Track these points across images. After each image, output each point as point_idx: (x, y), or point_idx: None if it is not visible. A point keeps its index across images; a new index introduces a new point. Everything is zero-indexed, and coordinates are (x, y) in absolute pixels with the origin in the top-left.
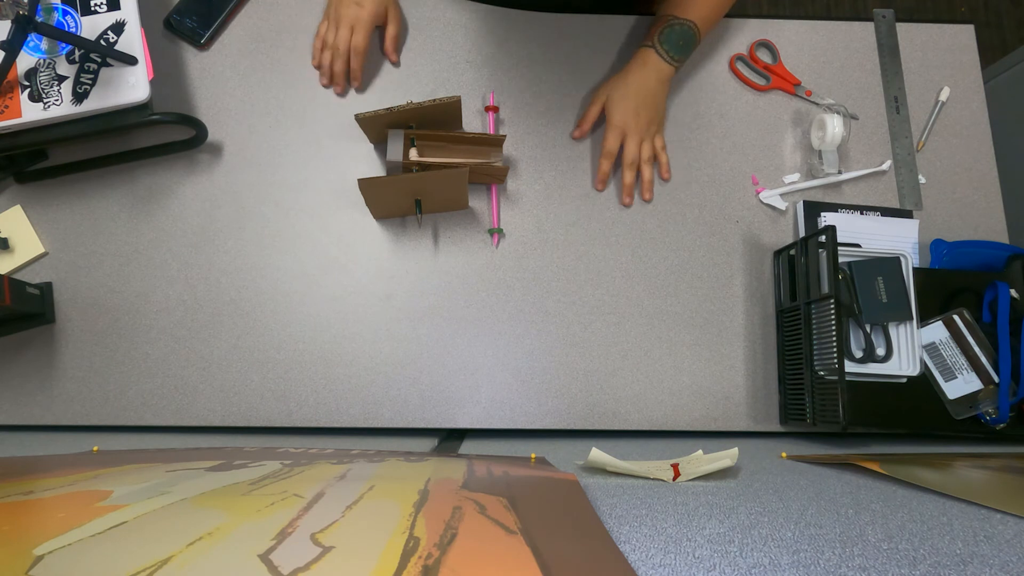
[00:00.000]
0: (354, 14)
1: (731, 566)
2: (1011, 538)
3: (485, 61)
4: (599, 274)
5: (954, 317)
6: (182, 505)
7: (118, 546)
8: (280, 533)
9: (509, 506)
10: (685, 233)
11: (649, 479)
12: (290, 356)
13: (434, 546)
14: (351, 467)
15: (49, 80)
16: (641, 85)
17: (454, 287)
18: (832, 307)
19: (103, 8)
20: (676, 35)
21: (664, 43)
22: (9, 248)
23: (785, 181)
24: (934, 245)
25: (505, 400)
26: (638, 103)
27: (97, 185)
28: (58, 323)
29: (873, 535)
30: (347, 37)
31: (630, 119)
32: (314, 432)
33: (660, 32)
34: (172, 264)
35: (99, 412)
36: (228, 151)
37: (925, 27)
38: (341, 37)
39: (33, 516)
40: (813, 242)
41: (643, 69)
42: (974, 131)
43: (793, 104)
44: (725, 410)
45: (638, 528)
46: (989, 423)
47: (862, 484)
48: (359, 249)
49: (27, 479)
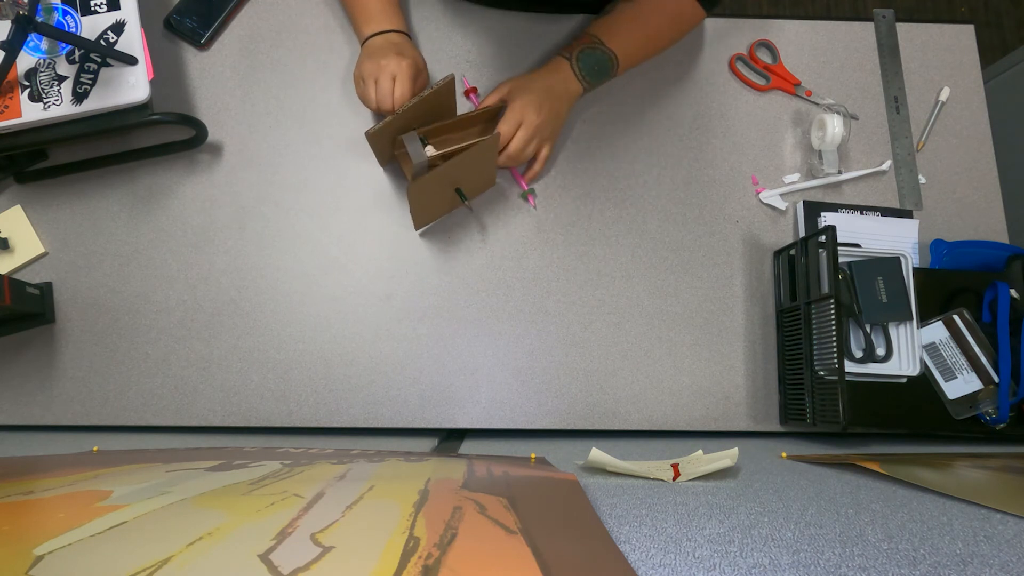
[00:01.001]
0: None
1: (731, 566)
2: (1011, 538)
3: (485, 61)
4: (599, 274)
5: (954, 317)
6: (182, 505)
7: (118, 546)
8: (280, 533)
9: (509, 506)
10: (685, 233)
11: (649, 479)
12: (290, 356)
13: (434, 546)
14: (351, 467)
15: (49, 80)
16: (548, 87)
17: (454, 287)
18: (832, 307)
19: (103, 8)
20: (594, 60)
21: (580, 61)
22: (9, 248)
23: (785, 181)
24: (934, 245)
25: (505, 400)
26: (541, 99)
27: (97, 185)
28: (58, 323)
29: (873, 535)
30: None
31: (530, 111)
32: (314, 432)
33: (581, 50)
34: (172, 264)
35: (99, 412)
36: (228, 151)
37: (925, 27)
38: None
39: (33, 516)
40: (813, 242)
41: (553, 75)
42: (974, 131)
43: (793, 104)
44: (725, 410)
45: (638, 528)
46: (989, 423)
47: (862, 484)
48: (359, 249)
49: (27, 479)
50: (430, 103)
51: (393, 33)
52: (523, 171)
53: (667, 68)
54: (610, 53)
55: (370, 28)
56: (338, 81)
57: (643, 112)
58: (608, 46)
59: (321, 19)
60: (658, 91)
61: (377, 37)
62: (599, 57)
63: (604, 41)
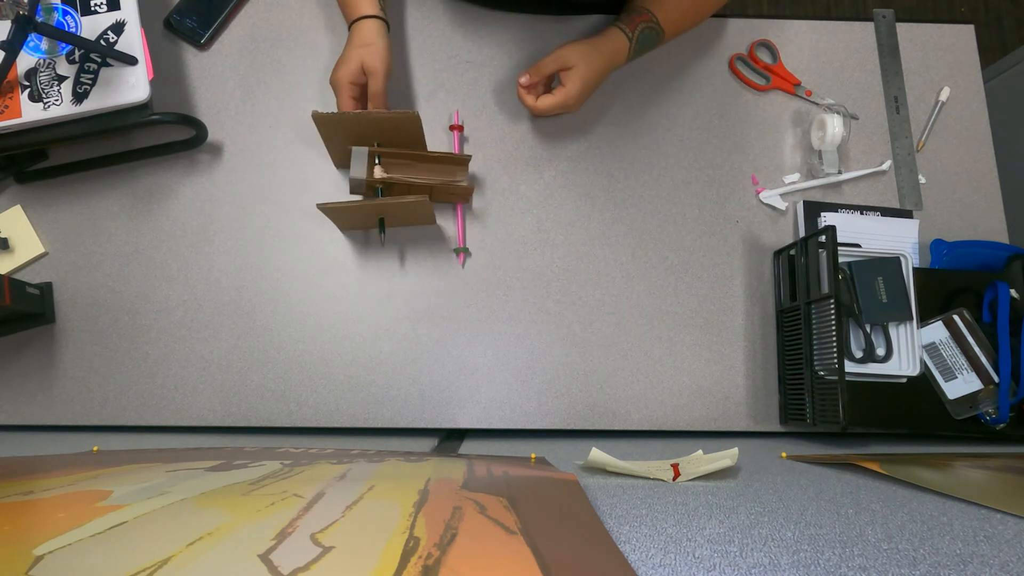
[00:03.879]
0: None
1: (731, 566)
2: (1011, 538)
3: (485, 61)
4: (599, 274)
5: (954, 317)
6: (182, 505)
7: (118, 546)
8: (280, 533)
9: (509, 506)
10: (685, 233)
11: (649, 479)
12: (290, 356)
13: (434, 546)
14: (351, 467)
15: (49, 80)
16: (603, 70)
17: (454, 287)
18: (832, 307)
19: (103, 8)
20: (649, 40)
21: (639, 40)
22: (9, 248)
23: (785, 181)
24: (934, 245)
25: (505, 400)
26: (591, 88)
27: (97, 185)
28: (58, 323)
29: (873, 535)
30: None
31: (574, 98)
32: (314, 432)
33: (642, 29)
34: (172, 264)
35: (99, 412)
36: (228, 151)
37: (925, 27)
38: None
39: (33, 516)
40: (813, 242)
41: (613, 55)
42: (974, 131)
43: (793, 104)
44: (725, 410)
45: (638, 528)
46: (989, 423)
47: (862, 484)
48: (359, 249)
49: (27, 479)
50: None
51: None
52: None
53: (667, 68)
54: (660, 29)
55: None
56: None
57: (643, 112)
58: (660, 23)
59: (321, 19)
60: (658, 91)
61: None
62: (653, 37)
63: (658, 16)
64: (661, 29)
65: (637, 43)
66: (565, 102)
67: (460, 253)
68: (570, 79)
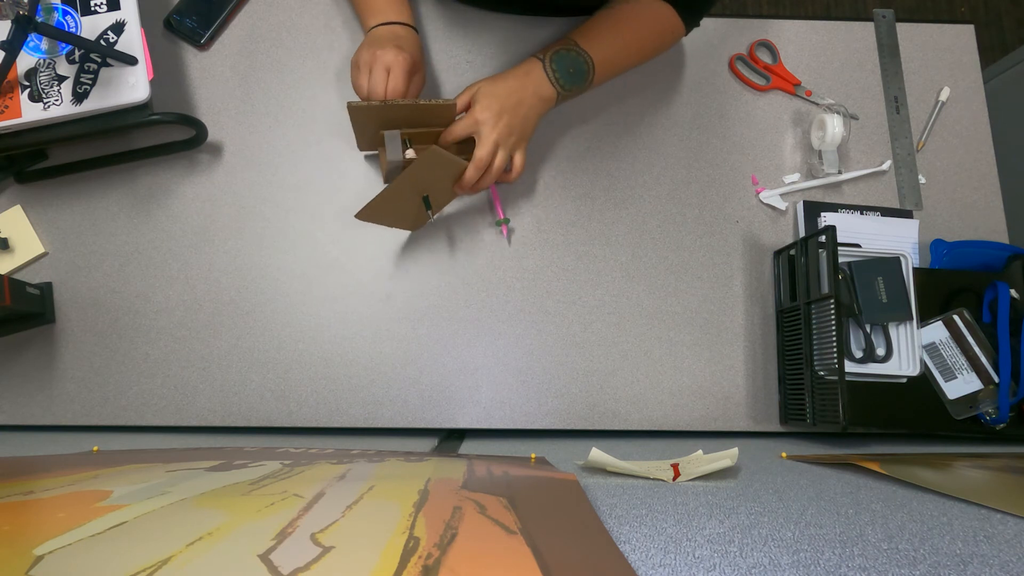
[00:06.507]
0: (392, 57)
1: (731, 566)
2: (1011, 538)
3: (485, 62)
4: (599, 274)
5: (954, 317)
6: (182, 505)
7: (118, 546)
8: (280, 533)
9: (509, 506)
10: (685, 233)
11: (649, 479)
12: (290, 356)
13: (434, 546)
14: (351, 467)
15: (49, 80)
16: (514, 92)
17: (454, 287)
18: (832, 307)
19: (103, 8)
20: (568, 61)
21: (554, 62)
22: (9, 248)
23: (785, 181)
24: (934, 245)
25: (505, 400)
26: (503, 107)
27: (97, 185)
28: (58, 323)
29: (873, 535)
30: (384, 79)
31: (489, 119)
32: (314, 432)
33: (556, 51)
34: (172, 264)
35: (99, 412)
36: (228, 151)
37: (925, 27)
38: (377, 80)
39: (33, 516)
40: (813, 242)
41: (524, 78)
42: (974, 131)
43: (793, 104)
44: (725, 410)
45: (638, 528)
46: (989, 423)
47: (862, 484)
48: (359, 249)
49: (27, 479)
50: (423, 114)
51: (398, 25)
52: None
53: (667, 68)
54: (586, 56)
55: (375, 19)
56: (338, 81)
57: (643, 112)
58: (584, 49)
59: (321, 19)
60: (658, 91)
61: (381, 27)
62: (574, 59)
63: (580, 44)
64: (584, 53)
65: (552, 62)
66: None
67: (503, 225)
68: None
